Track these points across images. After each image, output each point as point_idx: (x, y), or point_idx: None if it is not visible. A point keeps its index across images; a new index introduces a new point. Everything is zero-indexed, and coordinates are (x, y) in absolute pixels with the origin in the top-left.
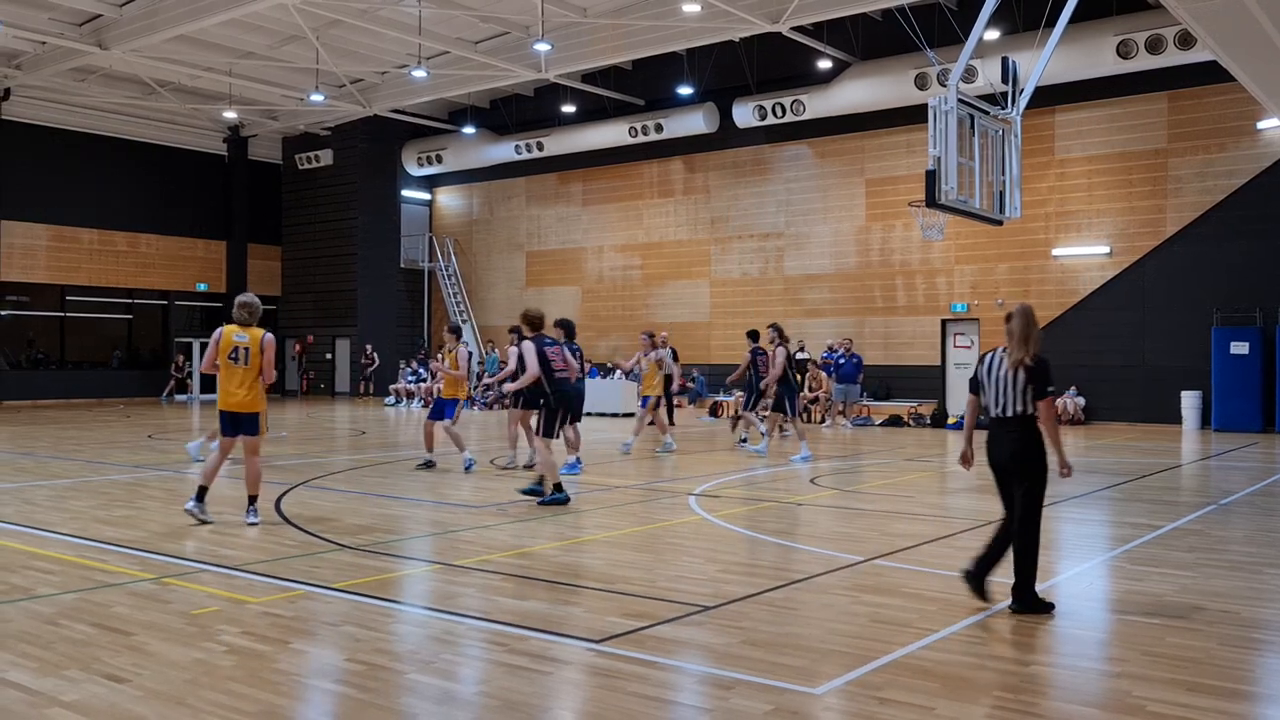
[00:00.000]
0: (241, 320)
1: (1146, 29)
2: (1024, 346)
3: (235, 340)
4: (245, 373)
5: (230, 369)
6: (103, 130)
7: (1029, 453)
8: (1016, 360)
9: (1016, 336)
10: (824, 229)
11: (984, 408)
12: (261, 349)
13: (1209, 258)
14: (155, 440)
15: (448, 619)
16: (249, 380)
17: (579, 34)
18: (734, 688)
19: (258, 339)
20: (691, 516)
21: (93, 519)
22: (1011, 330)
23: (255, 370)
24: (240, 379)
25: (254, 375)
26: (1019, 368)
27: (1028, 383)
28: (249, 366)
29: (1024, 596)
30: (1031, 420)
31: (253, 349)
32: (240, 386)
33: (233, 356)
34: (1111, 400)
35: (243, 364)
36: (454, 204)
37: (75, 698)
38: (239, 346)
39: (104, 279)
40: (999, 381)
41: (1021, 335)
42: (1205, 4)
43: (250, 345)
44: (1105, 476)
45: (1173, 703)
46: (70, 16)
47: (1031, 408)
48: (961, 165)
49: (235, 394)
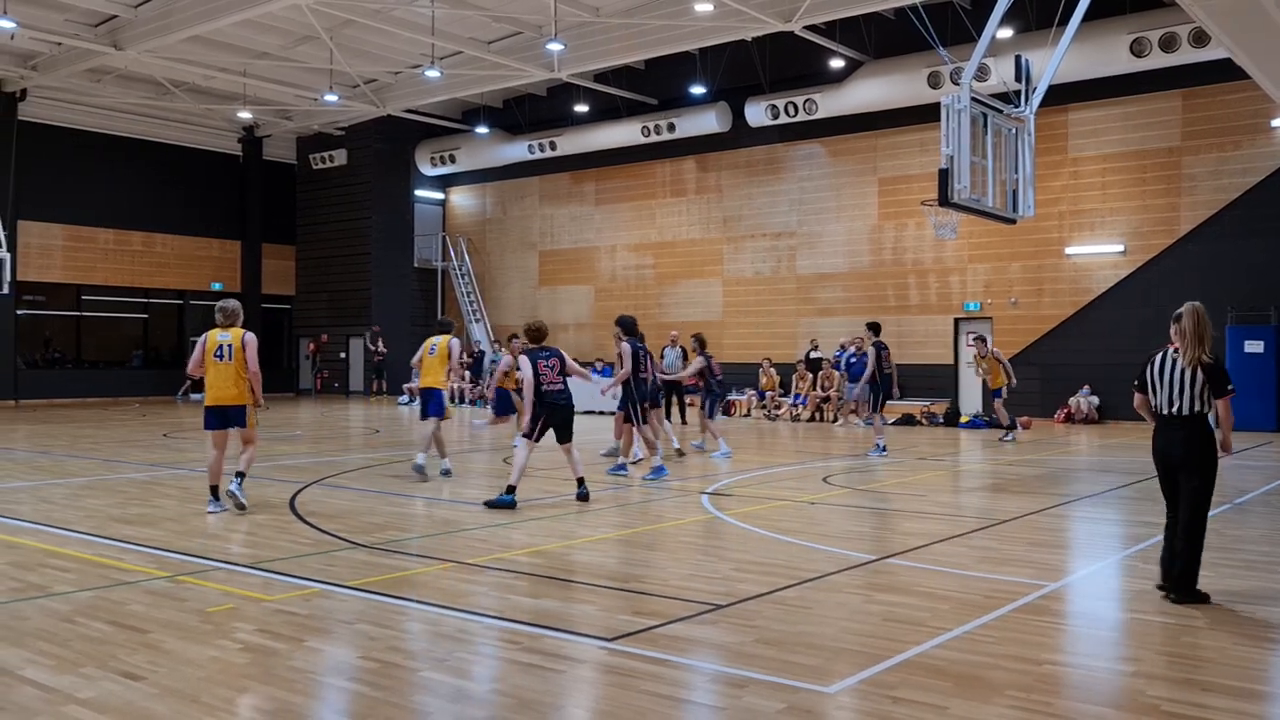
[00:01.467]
0: (221, 323)
1: (1160, 27)
2: (1199, 345)
3: (219, 340)
4: (229, 368)
5: (216, 366)
6: (118, 131)
7: (1202, 449)
8: (1193, 359)
9: (1190, 335)
10: (836, 228)
11: (1154, 407)
12: (243, 345)
13: (1223, 256)
14: (171, 439)
15: (461, 617)
16: (234, 376)
17: (592, 34)
18: (747, 686)
19: (239, 336)
20: (704, 515)
21: (109, 517)
22: (1183, 330)
23: (240, 365)
24: (226, 374)
25: (240, 371)
26: (1196, 366)
27: (1206, 382)
28: (233, 362)
29: (1188, 586)
30: (1203, 418)
31: (235, 345)
32: (227, 381)
33: (218, 354)
34: (1125, 399)
35: (228, 360)
36: (467, 203)
37: (91, 695)
38: (223, 345)
39: (120, 279)
40: (1173, 381)
41: (1195, 334)
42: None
43: (233, 342)
44: (1120, 475)
45: (1187, 702)
46: (85, 18)
47: (1207, 405)
48: (974, 164)
49: (223, 388)
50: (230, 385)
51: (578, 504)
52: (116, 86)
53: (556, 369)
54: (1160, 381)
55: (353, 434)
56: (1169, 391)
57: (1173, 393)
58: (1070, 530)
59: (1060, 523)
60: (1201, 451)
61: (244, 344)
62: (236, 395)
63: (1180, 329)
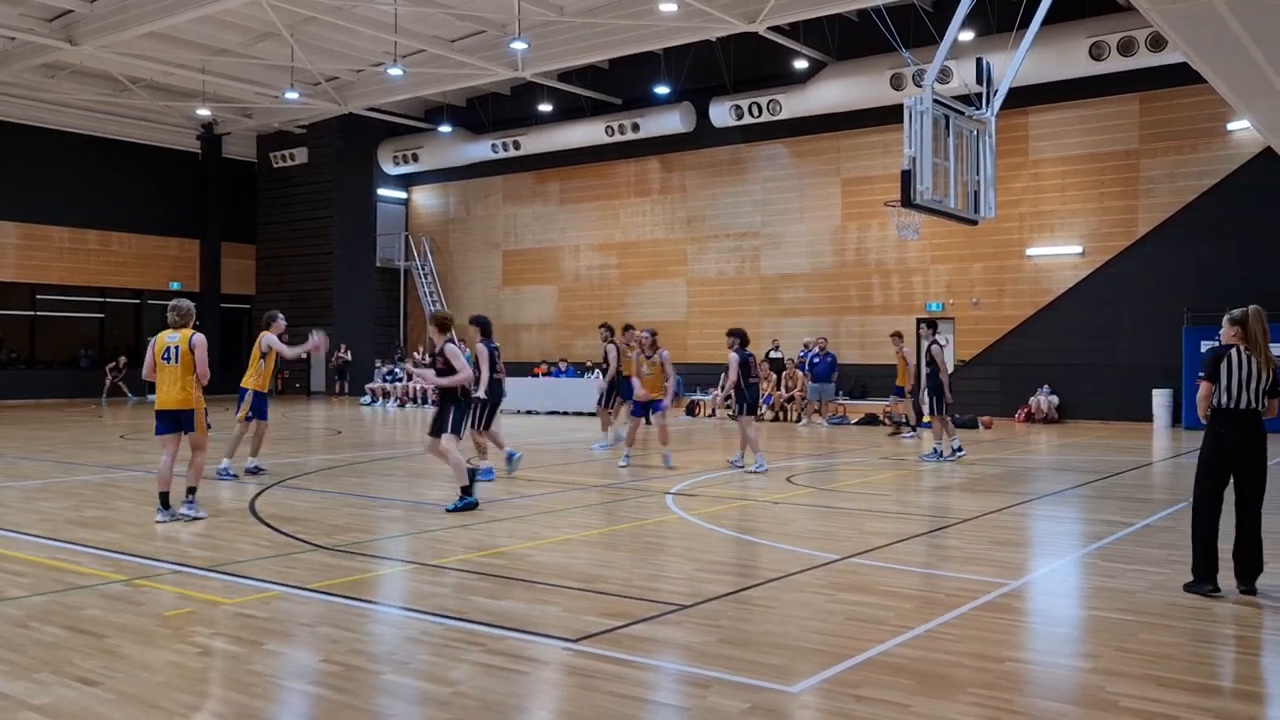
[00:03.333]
0: (174, 323)
1: (1118, 31)
2: (1266, 341)
3: (167, 341)
4: (175, 371)
5: (164, 369)
6: (73, 127)
7: (1265, 444)
8: (1266, 361)
9: (1262, 339)
10: (800, 228)
11: (1219, 399)
12: (191, 348)
13: (1180, 257)
14: (128, 440)
15: (424, 619)
16: (181, 379)
17: (556, 33)
18: (711, 686)
19: (187, 338)
20: (669, 515)
21: (64, 520)
22: (1253, 331)
23: (188, 369)
24: (173, 377)
25: (187, 374)
26: (1270, 368)
27: (1274, 381)
28: (179, 365)
29: (1256, 578)
30: (1260, 413)
31: (183, 348)
32: (174, 385)
33: (165, 357)
34: (1084, 398)
35: (174, 362)
36: (430, 203)
37: (46, 701)
38: (170, 346)
39: (75, 278)
40: (1247, 378)
41: (1263, 333)
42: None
43: (180, 344)
44: (1078, 474)
45: (1145, 698)
46: (40, 12)
47: (1265, 403)
48: (937, 165)
49: (169, 392)
50: (177, 389)
51: (540, 504)
52: (72, 82)
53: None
54: (1232, 378)
55: (314, 435)
56: (1239, 386)
57: (1243, 387)
58: (1031, 529)
59: (1021, 521)
60: (1265, 443)
61: (191, 346)
62: (183, 399)
63: (1249, 330)
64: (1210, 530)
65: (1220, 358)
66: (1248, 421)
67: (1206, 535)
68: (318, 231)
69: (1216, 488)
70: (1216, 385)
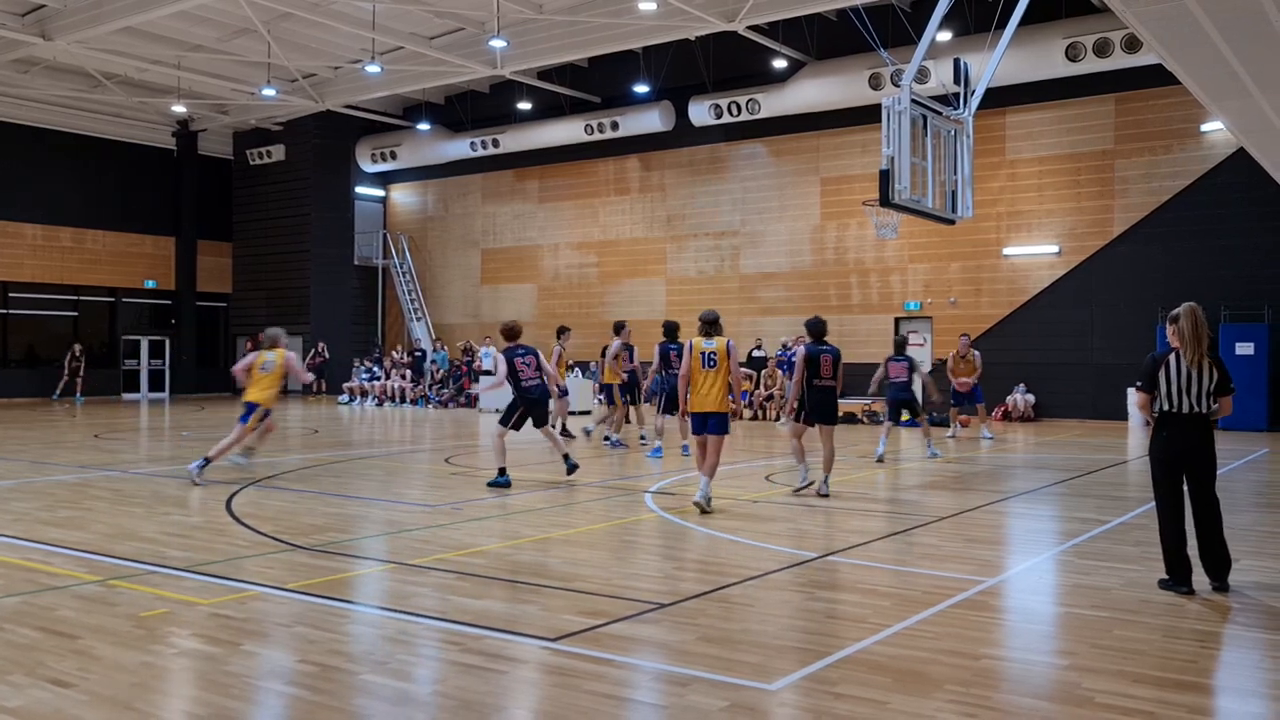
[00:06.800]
0: (268, 346)
1: (1094, 32)
2: (1198, 345)
3: (267, 356)
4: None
5: (260, 376)
6: (47, 123)
7: (1210, 445)
8: (1196, 358)
9: (1189, 336)
10: (779, 227)
11: (1160, 404)
12: (286, 361)
13: (1154, 257)
14: (102, 440)
15: (402, 619)
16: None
17: (535, 31)
18: (690, 685)
19: (282, 355)
20: (647, 514)
21: (37, 520)
22: (1182, 330)
23: (279, 376)
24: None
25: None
26: (1209, 366)
27: (1217, 379)
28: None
29: (1227, 573)
30: (1207, 416)
31: (278, 361)
32: (272, 387)
33: (263, 368)
34: (1060, 397)
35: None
36: (408, 201)
37: (19, 703)
38: (267, 359)
39: (48, 276)
40: (1185, 381)
41: (1194, 334)
42: (1150, 8)
43: (276, 359)
44: (1054, 472)
45: (1120, 694)
46: (12, 6)
47: (1213, 404)
48: (915, 165)
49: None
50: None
51: (519, 503)
52: (45, 78)
53: (533, 365)
54: (1169, 383)
55: (291, 434)
56: (1178, 391)
57: (1182, 392)
58: (1007, 527)
59: (997, 519)
60: (1211, 447)
61: (287, 360)
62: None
63: (1179, 329)
64: (1177, 534)
65: (1159, 364)
66: (1189, 424)
67: (1175, 539)
68: (295, 229)
69: (1175, 487)
70: (1156, 393)
